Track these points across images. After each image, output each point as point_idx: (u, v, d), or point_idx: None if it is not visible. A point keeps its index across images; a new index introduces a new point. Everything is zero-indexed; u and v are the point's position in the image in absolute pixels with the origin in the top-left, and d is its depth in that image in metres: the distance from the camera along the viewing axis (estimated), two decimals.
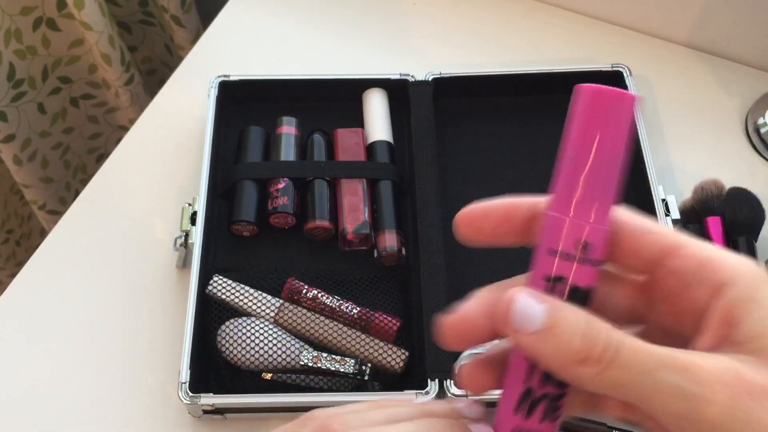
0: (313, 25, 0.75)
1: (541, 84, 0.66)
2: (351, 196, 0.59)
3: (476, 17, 0.75)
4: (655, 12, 0.71)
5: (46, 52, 0.91)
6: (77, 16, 0.84)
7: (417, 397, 0.51)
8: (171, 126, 0.69)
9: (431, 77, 0.64)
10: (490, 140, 0.65)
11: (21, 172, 0.95)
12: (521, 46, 0.72)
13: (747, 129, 0.66)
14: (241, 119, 0.65)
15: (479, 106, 0.67)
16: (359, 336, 0.53)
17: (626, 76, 0.64)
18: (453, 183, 0.62)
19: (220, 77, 0.65)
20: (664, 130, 0.67)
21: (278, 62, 0.73)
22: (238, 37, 0.75)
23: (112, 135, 1.07)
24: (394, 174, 0.61)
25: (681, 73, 0.70)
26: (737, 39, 0.69)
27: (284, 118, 0.64)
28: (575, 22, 0.74)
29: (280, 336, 0.52)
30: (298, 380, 0.52)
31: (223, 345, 0.52)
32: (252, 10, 0.77)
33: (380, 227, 0.58)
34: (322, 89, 0.66)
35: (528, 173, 0.63)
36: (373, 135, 0.63)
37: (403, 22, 0.75)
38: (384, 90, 0.65)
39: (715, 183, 0.58)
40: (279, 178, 0.60)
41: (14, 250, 1.08)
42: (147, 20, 1.00)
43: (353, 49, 0.73)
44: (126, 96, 0.96)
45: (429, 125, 0.62)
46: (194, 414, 0.54)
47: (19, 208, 1.08)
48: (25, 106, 0.91)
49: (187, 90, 0.71)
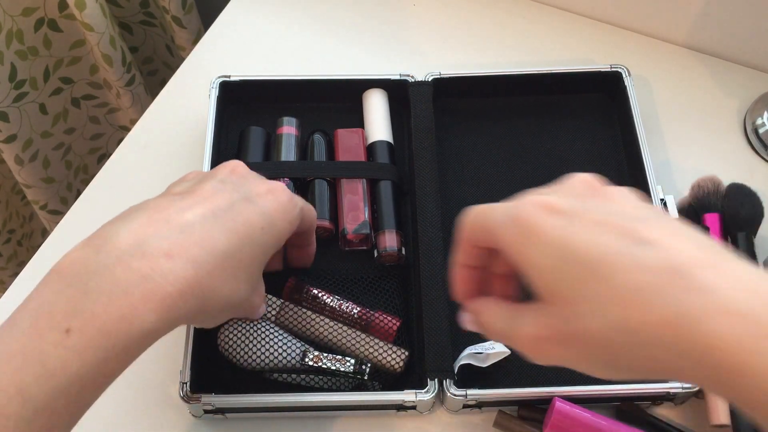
0: (313, 26, 0.76)
1: (541, 84, 0.66)
2: (351, 196, 0.59)
3: (476, 19, 0.75)
4: (653, 13, 0.71)
5: (47, 52, 0.91)
6: (78, 17, 0.85)
7: (417, 396, 0.51)
8: (172, 126, 0.69)
9: (431, 78, 0.64)
10: (490, 140, 0.65)
11: (23, 172, 0.96)
12: (520, 47, 0.73)
13: (745, 129, 0.66)
14: (242, 119, 0.66)
15: (479, 106, 0.67)
16: (359, 336, 0.53)
17: (625, 76, 0.64)
18: (453, 183, 0.63)
19: (221, 77, 0.65)
20: (663, 131, 0.67)
21: (279, 63, 0.73)
22: (238, 38, 0.75)
23: (113, 135, 1.07)
24: (394, 174, 0.61)
25: (679, 73, 0.70)
26: (736, 40, 0.69)
27: (285, 119, 0.64)
28: (574, 23, 0.74)
29: (281, 336, 0.52)
30: (298, 379, 0.52)
31: (225, 345, 0.52)
32: (253, 11, 0.77)
33: (380, 227, 0.58)
34: (323, 89, 0.66)
35: (527, 173, 0.63)
36: (373, 135, 0.63)
37: (403, 22, 0.75)
38: (384, 90, 0.65)
39: (712, 180, 0.59)
40: (279, 178, 0.60)
41: (16, 250, 1.09)
42: (148, 21, 1.00)
43: (353, 50, 0.74)
44: (127, 96, 0.96)
45: (429, 125, 0.62)
46: (195, 414, 0.54)
47: (20, 208, 1.08)
48: (27, 106, 0.91)
49: (188, 91, 0.71)
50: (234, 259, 0.41)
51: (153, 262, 0.37)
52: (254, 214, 0.43)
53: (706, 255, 0.31)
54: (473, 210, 0.39)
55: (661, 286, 0.31)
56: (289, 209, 0.46)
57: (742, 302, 0.30)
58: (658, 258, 0.31)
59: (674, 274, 0.31)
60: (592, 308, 0.33)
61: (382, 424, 0.54)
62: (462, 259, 0.41)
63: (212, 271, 0.39)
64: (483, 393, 0.51)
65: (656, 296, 0.31)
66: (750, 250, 0.56)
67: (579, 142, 0.65)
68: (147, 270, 0.37)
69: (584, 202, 0.35)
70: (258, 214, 0.43)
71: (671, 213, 0.57)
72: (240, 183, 0.45)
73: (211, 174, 0.46)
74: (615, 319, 0.32)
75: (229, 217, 0.42)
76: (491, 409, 0.54)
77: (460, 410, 0.54)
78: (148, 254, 0.37)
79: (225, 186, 0.44)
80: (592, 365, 0.35)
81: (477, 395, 0.51)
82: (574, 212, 0.34)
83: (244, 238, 0.42)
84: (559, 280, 0.34)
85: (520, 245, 0.35)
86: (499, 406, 0.53)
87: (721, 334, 0.29)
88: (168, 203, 0.41)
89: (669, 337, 0.30)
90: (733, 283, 0.30)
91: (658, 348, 0.31)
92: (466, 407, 0.53)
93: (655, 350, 0.31)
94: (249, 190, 0.45)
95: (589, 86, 0.66)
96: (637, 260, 0.32)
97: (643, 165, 0.59)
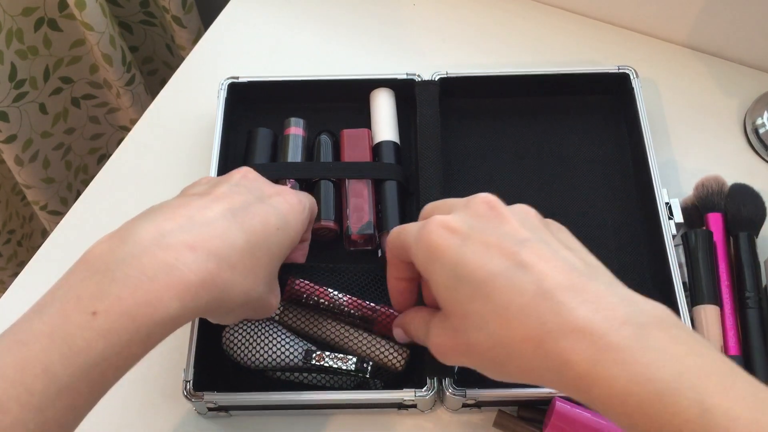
0: (313, 26, 0.76)
1: (548, 85, 0.66)
2: (356, 196, 0.59)
3: (476, 19, 0.75)
4: (654, 13, 0.71)
5: (47, 52, 0.91)
6: (78, 17, 0.85)
7: (416, 395, 0.51)
8: (172, 126, 0.69)
9: (437, 77, 0.64)
10: (496, 140, 0.65)
11: (23, 172, 0.96)
12: (520, 46, 0.73)
13: (746, 129, 0.67)
14: (249, 120, 0.66)
15: (485, 106, 0.67)
16: (361, 335, 0.53)
17: (632, 78, 0.64)
18: (458, 183, 0.63)
19: (230, 79, 0.65)
20: (664, 131, 0.67)
21: (279, 63, 0.73)
22: (239, 38, 0.75)
23: (113, 135, 1.07)
24: (399, 174, 0.61)
25: (680, 73, 0.71)
26: (736, 39, 0.69)
27: (292, 120, 0.64)
28: (574, 22, 0.74)
29: (284, 335, 0.52)
30: (301, 378, 0.52)
31: (228, 344, 0.52)
32: (253, 11, 0.77)
33: (385, 227, 0.58)
34: (330, 90, 0.66)
35: (533, 173, 0.63)
36: (379, 135, 0.63)
37: (403, 22, 0.76)
38: (391, 90, 0.65)
39: (716, 179, 0.59)
40: (285, 179, 0.60)
41: (16, 250, 1.09)
42: (148, 20, 1.00)
43: (353, 50, 0.74)
44: (127, 96, 0.96)
45: (435, 125, 0.62)
46: (200, 411, 0.54)
47: (20, 208, 1.08)
48: (27, 106, 0.91)
49: (189, 90, 0.71)
50: (253, 256, 0.43)
51: (177, 253, 0.39)
52: (270, 215, 0.45)
53: (572, 279, 0.37)
54: (395, 229, 0.45)
55: (531, 308, 0.36)
56: (299, 210, 0.48)
57: (590, 321, 0.35)
58: (531, 282, 0.37)
59: (542, 297, 0.36)
60: (477, 323, 0.38)
61: (384, 422, 0.54)
62: (392, 273, 0.47)
63: (232, 265, 0.41)
64: (482, 393, 0.52)
65: (526, 316, 0.36)
66: (752, 250, 0.56)
67: (585, 143, 0.65)
68: (171, 260, 0.38)
69: (481, 223, 0.40)
70: (273, 214, 0.45)
71: (676, 218, 0.57)
72: (252, 186, 0.47)
73: (224, 178, 0.48)
74: (494, 334, 0.38)
75: (247, 217, 0.43)
76: (491, 409, 0.54)
77: (460, 409, 0.54)
78: (172, 245, 0.39)
79: (239, 189, 0.46)
80: (486, 370, 0.40)
81: (476, 395, 0.52)
82: (469, 234, 0.40)
83: (262, 237, 0.43)
84: (453, 296, 0.39)
85: (425, 263, 0.41)
86: (499, 405, 0.54)
87: (572, 349, 0.35)
88: (187, 201, 0.43)
89: (535, 352, 0.36)
90: (588, 304, 0.36)
91: (530, 361, 0.36)
92: (466, 406, 0.53)
93: (527, 363, 0.37)
94: (261, 192, 0.47)
95: (596, 87, 0.66)
96: (514, 283, 0.37)
97: (649, 168, 0.59)
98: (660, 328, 0.35)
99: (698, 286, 0.55)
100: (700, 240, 0.56)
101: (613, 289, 0.37)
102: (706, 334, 0.53)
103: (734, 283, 0.56)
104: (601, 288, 0.37)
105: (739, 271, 0.56)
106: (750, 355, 0.53)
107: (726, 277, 0.55)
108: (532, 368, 0.37)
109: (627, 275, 0.57)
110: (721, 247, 0.57)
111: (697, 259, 0.55)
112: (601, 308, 0.35)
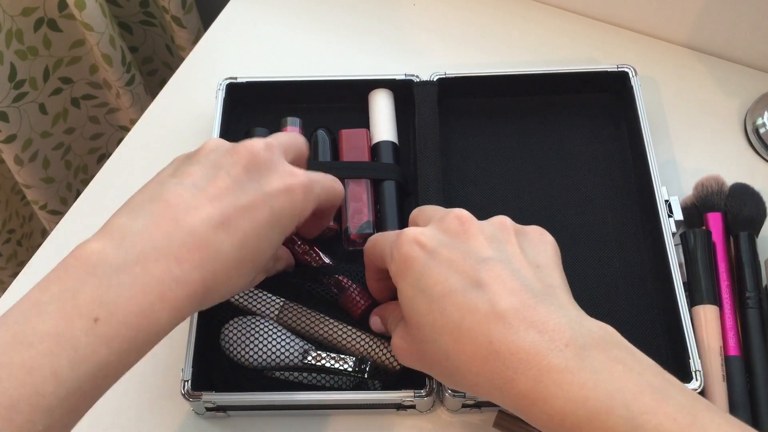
0: (313, 26, 0.76)
1: (547, 84, 0.66)
2: (355, 196, 0.59)
3: (476, 19, 0.75)
4: (654, 13, 0.71)
5: (47, 52, 0.91)
6: (78, 17, 0.85)
7: (415, 396, 0.51)
8: (172, 126, 0.69)
9: (436, 77, 0.64)
10: (495, 140, 0.65)
11: (22, 172, 0.96)
12: (520, 46, 0.73)
13: (746, 129, 0.66)
14: (246, 120, 0.66)
15: (484, 106, 0.67)
16: (359, 335, 0.53)
17: (632, 76, 0.64)
18: (456, 183, 0.63)
19: (228, 79, 0.65)
20: (665, 130, 0.67)
21: (279, 63, 0.73)
22: (239, 38, 0.75)
23: (113, 135, 1.07)
24: (398, 174, 0.61)
25: (680, 73, 0.71)
26: (736, 40, 0.69)
27: (288, 119, 0.64)
28: (574, 22, 0.74)
29: (282, 335, 0.52)
30: (299, 378, 0.52)
31: (227, 343, 0.52)
32: (253, 11, 0.77)
33: (384, 227, 0.58)
34: (328, 90, 0.66)
35: (532, 173, 0.63)
36: (378, 135, 0.63)
37: (403, 22, 0.76)
38: (390, 91, 0.65)
39: (716, 179, 0.59)
40: None
41: (16, 250, 1.09)
42: (148, 21, 1.00)
43: (353, 50, 0.74)
44: (127, 96, 0.96)
45: (433, 125, 0.62)
46: (198, 411, 0.54)
47: (20, 208, 1.08)
48: (27, 106, 0.91)
49: (189, 90, 0.71)
50: (238, 260, 0.42)
51: (166, 266, 0.39)
52: (263, 214, 0.43)
53: (524, 301, 0.38)
54: (371, 238, 0.48)
55: (482, 326, 0.38)
56: (300, 207, 0.46)
57: (534, 343, 0.37)
58: (484, 301, 0.38)
59: (493, 317, 0.38)
60: (431, 335, 0.40)
61: (383, 423, 0.54)
62: (370, 275, 0.51)
63: (216, 272, 0.41)
64: None
65: (476, 334, 0.38)
66: (753, 250, 0.56)
67: (584, 142, 0.65)
68: (160, 273, 0.39)
69: (450, 239, 0.42)
70: (267, 213, 0.43)
71: (675, 215, 0.57)
72: (256, 177, 0.44)
73: (228, 162, 0.44)
74: (445, 348, 0.40)
75: (237, 219, 0.42)
76: (491, 409, 0.54)
77: (459, 410, 0.54)
78: (161, 258, 0.39)
79: (238, 184, 0.43)
80: (441, 378, 0.44)
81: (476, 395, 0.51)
82: (435, 249, 0.41)
83: (251, 237, 0.43)
84: (414, 306, 0.41)
85: (396, 273, 0.43)
86: (499, 406, 0.53)
87: (516, 369, 0.37)
88: (177, 197, 0.42)
89: (481, 369, 0.38)
90: (535, 326, 0.37)
91: (477, 377, 0.38)
92: (465, 407, 0.53)
93: (474, 378, 0.39)
94: (264, 184, 0.44)
95: (595, 86, 0.66)
96: (469, 301, 0.39)
97: (649, 166, 0.59)
98: (601, 349, 0.37)
99: (697, 286, 0.55)
100: (699, 240, 0.56)
101: (563, 311, 0.39)
102: (705, 334, 0.53)
103: (734, 283, 0.56)
104: (552, 310, 0.38)
105: (740, 271, 0.55)
106: (750, 355, 0.52)
107: (726, 277, 0.55)
108: (478, 383, 0.39)
109: (627, 273, 0.58)
110: (720, 247, 0.57)
111: (695, 259, 0.55)
112: (548, 330, 0.37)
